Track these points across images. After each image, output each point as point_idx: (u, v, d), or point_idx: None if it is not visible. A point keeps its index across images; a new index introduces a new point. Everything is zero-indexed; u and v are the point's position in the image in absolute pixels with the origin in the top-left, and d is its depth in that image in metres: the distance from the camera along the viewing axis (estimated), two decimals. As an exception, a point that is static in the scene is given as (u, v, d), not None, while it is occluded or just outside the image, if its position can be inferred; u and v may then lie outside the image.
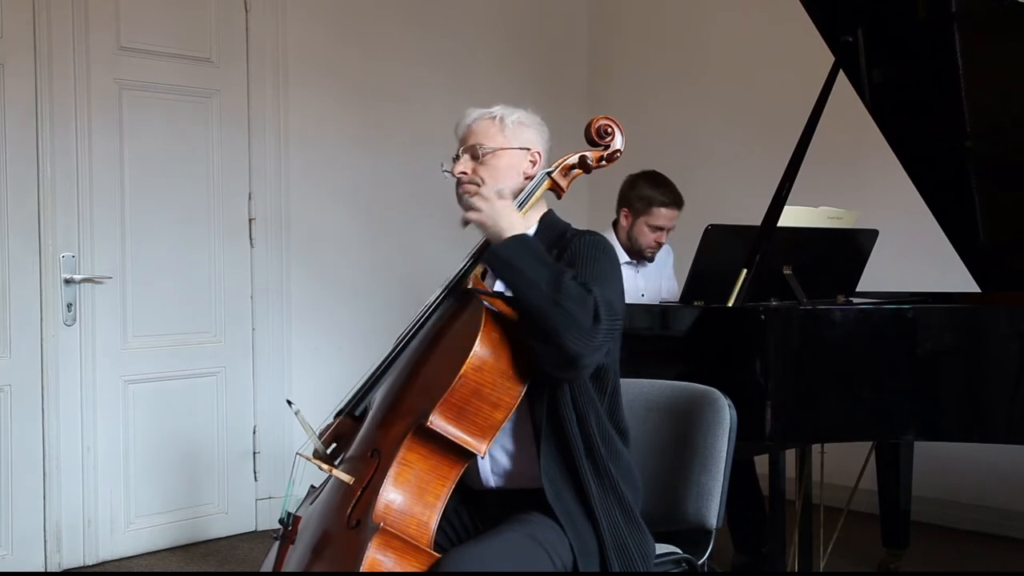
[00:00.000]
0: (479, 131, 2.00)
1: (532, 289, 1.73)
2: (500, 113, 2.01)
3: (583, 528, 1.81)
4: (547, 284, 1.73)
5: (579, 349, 1.72)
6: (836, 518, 3.25)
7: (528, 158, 2.00)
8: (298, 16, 4.20)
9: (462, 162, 2.00)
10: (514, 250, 1.79)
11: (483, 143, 1.98)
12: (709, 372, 2.57)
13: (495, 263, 1.81)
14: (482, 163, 1.98)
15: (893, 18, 2.97)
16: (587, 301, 1.73)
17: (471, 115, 2.03)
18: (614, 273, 1.89)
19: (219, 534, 4.00)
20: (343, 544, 1.74)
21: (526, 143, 2.00)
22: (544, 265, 1.77)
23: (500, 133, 1.99)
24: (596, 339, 1.73)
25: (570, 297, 1.71)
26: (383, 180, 4.48)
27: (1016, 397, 2.48)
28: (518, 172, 1.99)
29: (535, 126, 2.04)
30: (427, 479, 1.75)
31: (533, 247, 1.81)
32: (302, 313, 4.23)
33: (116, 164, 3.73)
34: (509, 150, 1.98)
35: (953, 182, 3.06)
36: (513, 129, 2.00)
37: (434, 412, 1.72)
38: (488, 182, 1.96)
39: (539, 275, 1.74)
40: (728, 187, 4.33)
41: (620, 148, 2.00)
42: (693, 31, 4.94)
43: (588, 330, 1.71)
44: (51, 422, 3.56)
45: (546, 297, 1.72)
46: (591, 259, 1.87)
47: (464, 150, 2.01)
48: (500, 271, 1.80)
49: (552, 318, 1.71)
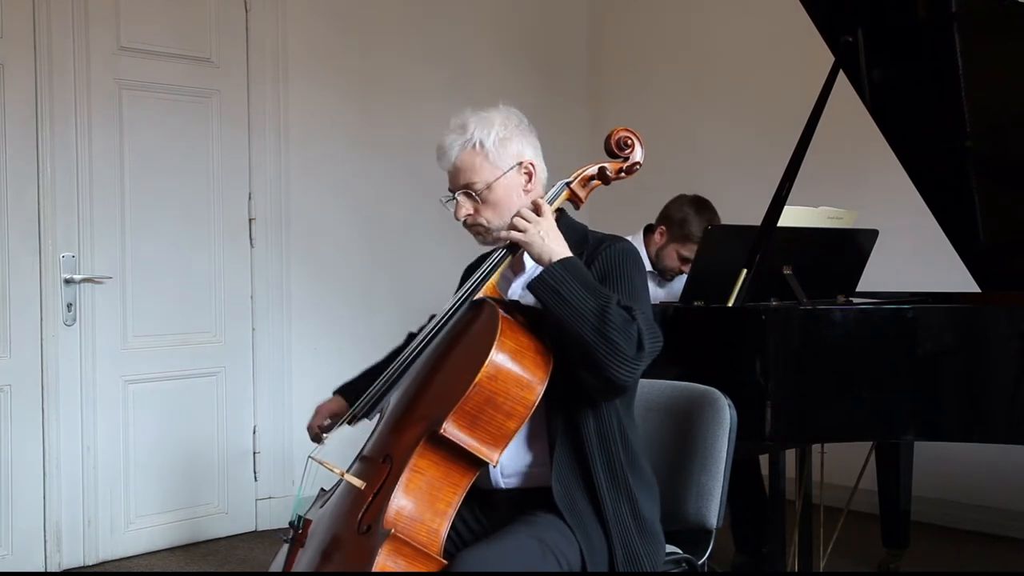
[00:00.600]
0: (465, 168, 1.93)
1: (578, 319, 1.72)
2: (477, 137, 1.92)
3: (592, 530, 1.80)
4: (593, 314, 1.72)
5: (622, 376, 1.73)
6: (836, 518, 3.25)
7: (522, 172, 1.96)
8: (298, 15, 4.20)
9: (461, 205, 1.96)
10: (561, 278, 1.76)
11: (473, 181, 1.93)
12: (709, 372, 2.57)
13: (541, 291, 1.77)
14: (481, 202, 1.94)
15: (893, 18, 2.96)
16: (631, 330, 1.72)
17: (451, 149, 1.94)
18: (645, 286, 1.90)
19: (219, 534, 4.00)
20: (353, 549, 1.74)
21: (515, 158, 1.94)
22: (589, 292, 1.75)
23: (486, 162, 1.93)
24: (640, 366, 1.74)
25: (615, 327, 1.71)
26: (383, 179, 4.48)
27: (1016, 397, 2.48)
28: (518, 193, 1.96)
29: (515, 133, 1.96)
30: (438, 486, 1.75)
31: (579, 272, 1.79)
32: (302, 313, 4.23)
33: (116, 163, 3.73)
34: (501, 178, 1.93)
35: (953, 182, 3.06)
36: (496, 151, 1.93)
37: (447, 420, 1.72)
38: (494, 220, 1.94)
39: (585, 305, 1.73)
40: (728, 187, 4.33)
41: (640, 160, 1.97)
42: (693, 31, 4.94)
43: (632, 359, 1.72)
44: (51, 422, 3.56)
45: (593, 328, 1.71)
46: (625, 275, 1.86)
47: (457, 192, 1.96)
48: (546, 300, 1.76)
49: (597, 350, 1.71)
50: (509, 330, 1.76)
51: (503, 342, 1.74)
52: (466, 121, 1.95)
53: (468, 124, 1.95)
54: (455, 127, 1.96)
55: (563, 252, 1.81)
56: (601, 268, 1.88)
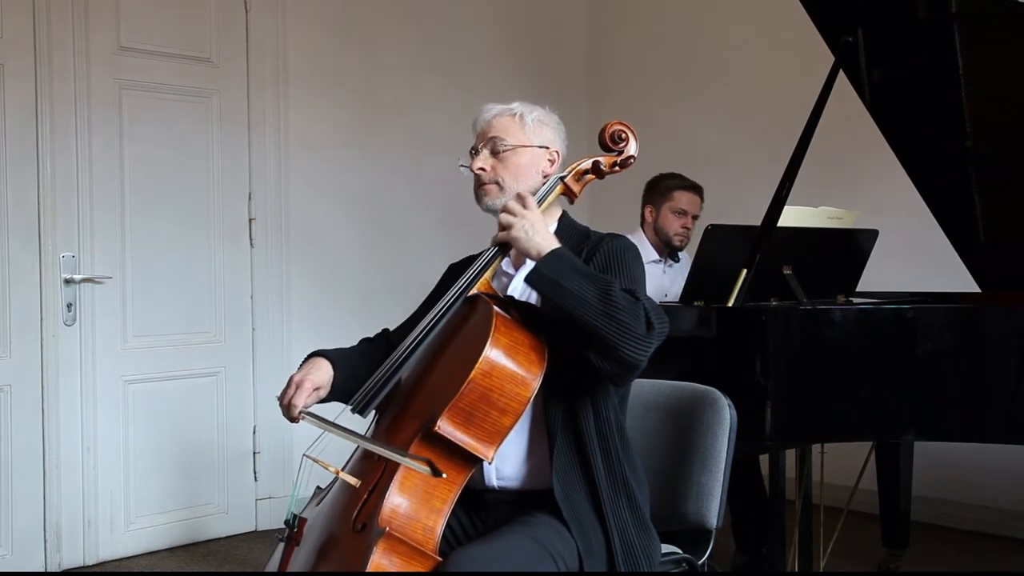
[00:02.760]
0: (499, 126, 1.98)
1: (583, 305, 1.71)
2: (520, 110, 1.99)
3: (590, 529, 1.80)
4: (596, 298, 1.71)
5: (637, 356, 1.72)
6: (836, 518, 3.25)
7: (547, 157, 1.99)
8: (298, 16, 4.20)
9: (481, 157, 1.98)
10: (557, 268, 1.75)
11: (504, 138, 1.97)
12: (709, 372, 2.58)
13: (541, 284, 1.76)
14: (502, 159, 1.97)
15: (893, 18, 2.97)
16: (637, 309, 1.72)
17: (491, 110, 2.01)
18: (644, 278, 1.91)
19: (219, 534, 4.00)
20: (348, 547, 1.74)
21: (546, 142, 2.00)
22: (588, 278, 1.75)
23: (520, 130, 1.98)
24: (652, 344, 1.74)
25: (621, 308, 1.71)
26: (383, 179, 4.48)
27: (1016, 397, 2.48)
28: (537, 171, 1.98)
29: (553, 125, 2.03)
30: (434, 484, 1.74)
31: (572, 261, 1.79)
32: (302, 313, 4.23)
33: (116, 164, 3.73)
34: (529, 148, 1.97)
35: (953, 182, 3.06)
36: (533, 127, 1.99)
37: (442, 417, 1.72)
38: (508, 181, 1.95)
39: (586, 290, 1.72)
40: (728, 187, 4.33)
41: (634, 154, 1.98)
42: (693, 31, 4.94)
43: (644, 337, 1.71)
44: (51, 422, 3.56)
45: (599, 311, 1.70)
46: (624, 265, 1.87)
47: (483, 144, 1.99)
48: (546, 291, 1.76)
49: (607, 332, 1.70)
50: (503, 326, 1.76)
51: (497, 338, 1.73)
52: (513, 101, 2.03)
53: (514, 102, 2.03)
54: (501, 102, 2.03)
55: (552, 244, 1.80)
56: (601, 261, 1.89)
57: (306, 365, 1.98)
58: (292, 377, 1.94)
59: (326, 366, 1.97)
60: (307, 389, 1.91)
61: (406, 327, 2.10)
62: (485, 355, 1.71)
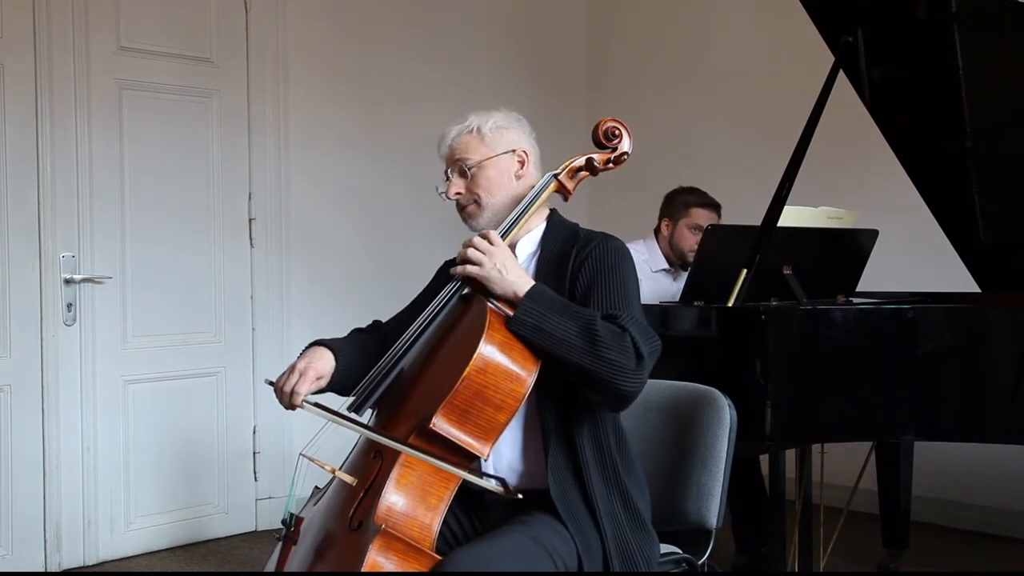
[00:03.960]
0: (460, 147, 2.01)
1: (567, 348, 1.72)
2: (476, 123, 2.01)
3: (588, 529, 1.80)
4: (580, 338, 1.72)
5: (629, 389, 1.73)
6: (836, 518, 3.25)
7: (515, 159, 2.01)
8: (298, 16, 4.20)
9: (453, 183, 2.01)
10: (535, 312, 1.76)
11: (467, 157, 1.99)
12: (709, 372, 2.57)
13: (524, 332, 1.76)
14: (472, 179, 1.99)
15: (893, 18, 2.96)
16: (624, 343, 1.72)
17: (449, 133, 2.04)
18: (637, 284, 1.90)
19: (219, 534, 4.00)
20: (345, 546, 1.74)
21: (509, 145, 2.00)
22: (569, 316, 1.75)
23: (481, 143, 1.99)
24: (643, 375, 1.74)
25: (607, 345, 1.71)
26: (383, 179, 4.48)
27: (1016, 397, 2.48)
28: (509, 177, 2.00)
29: (513, 125, 2.03)
30: (430, 481, 1.74)
31: (550, 300, 1.79)
32: (302, 313, 4.23)
33: (116, 164, 3.73)
34: (494, 158, 1.98)
35: (953, 182, 3.06)
36: (493, 135, 2.00)
37: (437, 414, 1.72)
38: (484, 197, 1.98)
39: (569, 331, 1.73)
40: (728, 187, 4.32)
41: (627, 150, 2.00)
42: (693, 31, 4.94)
43: (634, 370, 1.72)
44: (51, 422, 3.56)
45: (584, 352, 1.71)
46: (617, 274, 1.87)
47: (451, 168, 2.02)
48: (531, 338, 1.76)
49: (595, 371, 1.71)
50: (498, 323, 1.76)
51: (491, 335, 1.74)
52: (467, 116, 2.04)
53: (468, 116, 2.04)
54: (457, 121, 2.05)
55: (526, 283, 1.81)
56: (592, 267, 1.88)
57: (308, 353, 1.98)
58: (295, 364, 1.93)
59: (329, 356, 1.97)
60: (310, 377, 1.90)
61: (398, 320, 2.11)
62: (480, 352, 1.72)
